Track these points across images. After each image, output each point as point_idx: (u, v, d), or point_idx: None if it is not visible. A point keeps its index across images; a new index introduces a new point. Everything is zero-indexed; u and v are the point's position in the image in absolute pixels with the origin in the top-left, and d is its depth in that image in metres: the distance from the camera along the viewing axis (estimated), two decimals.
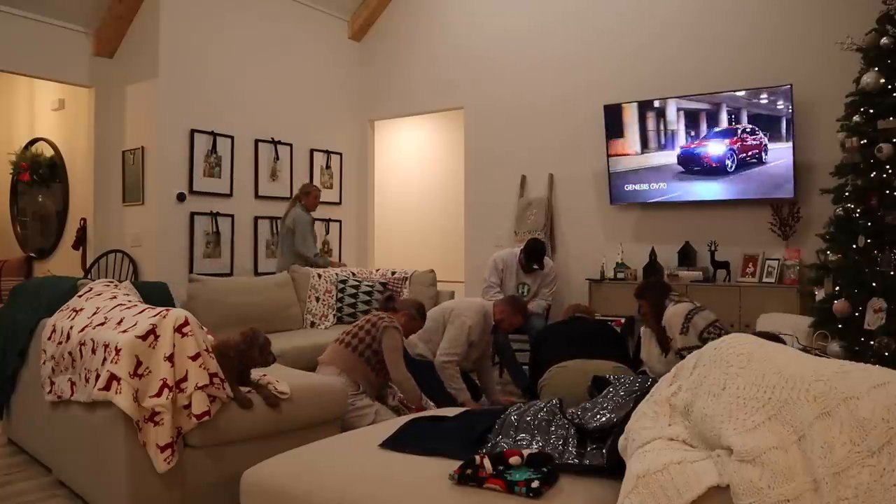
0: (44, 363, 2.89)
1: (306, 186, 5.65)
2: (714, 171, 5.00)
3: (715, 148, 4.99)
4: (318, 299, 4.99)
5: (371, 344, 3.30)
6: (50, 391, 2.80)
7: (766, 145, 4.78)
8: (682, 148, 5.14)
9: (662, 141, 5.23)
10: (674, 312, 3.70)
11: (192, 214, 5.71)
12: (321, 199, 6.83)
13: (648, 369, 3.79)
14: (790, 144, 4.68)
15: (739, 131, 4.89)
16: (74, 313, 2.89)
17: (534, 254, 5.03)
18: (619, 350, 3.81)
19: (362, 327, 3.36)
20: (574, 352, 3.41)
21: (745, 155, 4.87)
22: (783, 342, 2.91)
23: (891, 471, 1.19)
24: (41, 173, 6.98)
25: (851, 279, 3.49)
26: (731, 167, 4.91)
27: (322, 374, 3.23)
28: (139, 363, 2.28)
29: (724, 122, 4.95)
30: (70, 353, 2.68)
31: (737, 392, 1.44)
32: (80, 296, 3.10)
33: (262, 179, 6.29)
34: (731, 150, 4.92)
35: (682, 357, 3.53)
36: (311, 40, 6.77)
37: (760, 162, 4.81)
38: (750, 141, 4.84)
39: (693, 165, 5.10)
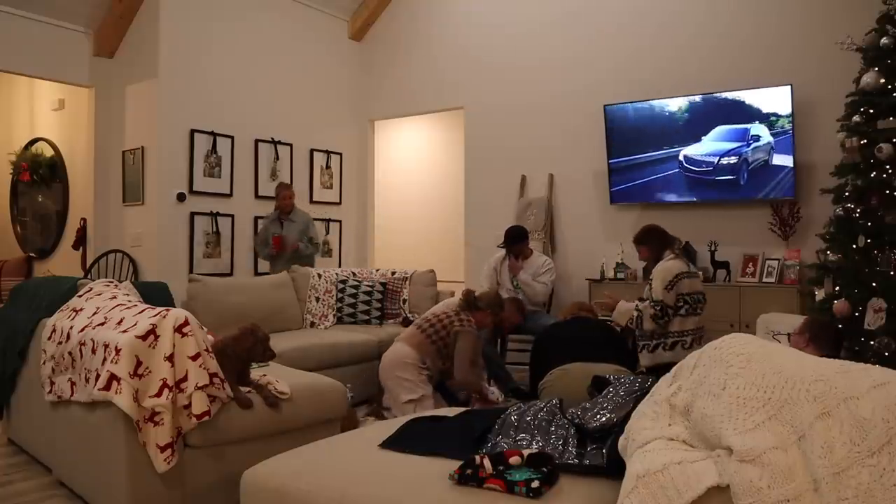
0: (44, 363, 2.89)
1: None
2: (714, 172, 5.00)
3: (715, 149, 5.00)
4: (317, 299, 4.98)
5: (445, 337, 3.76)
6: (50, 391, 2.80)
7: (765, 146, 4.78)
8: (681, 149, 5.14)
9: (662, 141, 5.23)
10: (666, 268, 3.79)
11: (192, 214, 5.71)
12: (322, 200, 6.88)
13: None
14: (790, 145, 4.68)
15: (739, 132, 4.88)
16: (74, 313, 2.89)
17: (510, 234, 5.04)
18: (620, 353, 3.81)
19: (441, 320, 3.80)
20: (575, 353, 3.40)
21: (744, 155, 4.87)
22: None
23: (891, 471, 1.19)
24: (41, 173, 6.98)
25: (851, 279, 3.49)
26: (734, 170, 4.92)
27: (398, 348, 3.75)
28: (139, 363, 2.28)
29: (724, 123, 4.95)
30: (70, 353, 2.68)
31: (737, 392, 1.44)
32: (79, 296, 3.10)
33: (262, 179, 6.28)
34: (730, 150, 4.92)
35: (659, 309, 3.68)
36: (311, 40, 6.76)
37: (760, 162, 4.81)
38: (749, 141, 4.84)
39: (693, 166, 5.10)
